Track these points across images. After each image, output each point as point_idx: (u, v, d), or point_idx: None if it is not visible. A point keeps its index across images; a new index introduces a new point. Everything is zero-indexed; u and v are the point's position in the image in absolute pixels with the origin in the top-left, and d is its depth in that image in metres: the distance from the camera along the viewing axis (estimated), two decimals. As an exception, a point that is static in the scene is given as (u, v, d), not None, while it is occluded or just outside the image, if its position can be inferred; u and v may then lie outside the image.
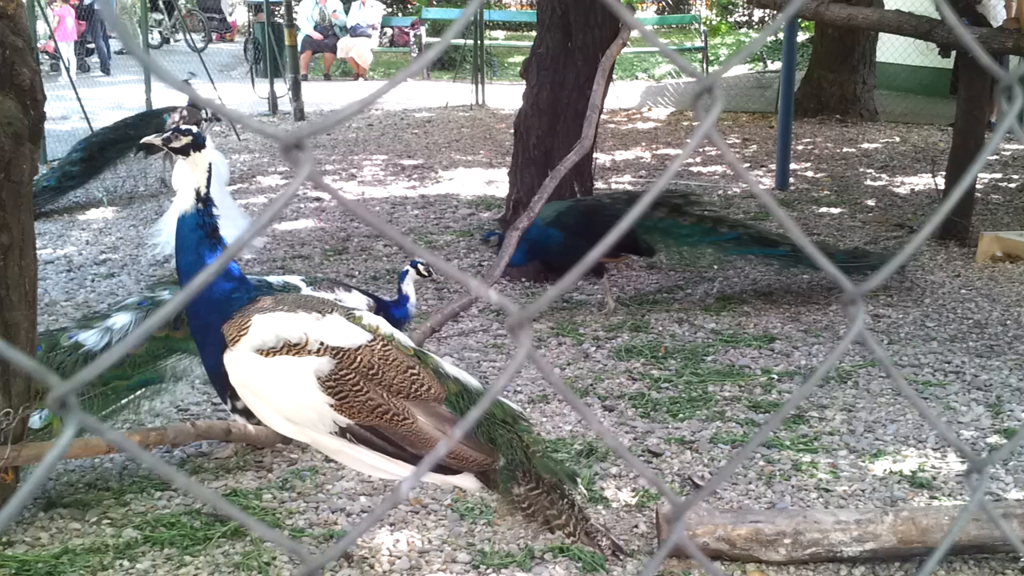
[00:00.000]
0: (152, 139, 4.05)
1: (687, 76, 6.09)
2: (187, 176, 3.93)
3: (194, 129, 3.98)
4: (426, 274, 6.09)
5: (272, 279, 5.71)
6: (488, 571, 4.39)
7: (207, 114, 12.17)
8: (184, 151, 3.89)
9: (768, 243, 7.96)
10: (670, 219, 7.69)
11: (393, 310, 5.91)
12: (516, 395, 6.20)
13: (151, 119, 11.89)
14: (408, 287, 5.97)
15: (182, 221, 3.85)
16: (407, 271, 5.96)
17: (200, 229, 3.78)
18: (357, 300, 5.76)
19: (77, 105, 14.21)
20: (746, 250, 7.97)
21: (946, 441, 5.62)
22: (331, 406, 3.53)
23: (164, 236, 8.81)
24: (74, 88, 14.76)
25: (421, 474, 0.86)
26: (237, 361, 3.58)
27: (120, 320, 5.22)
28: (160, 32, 28.22)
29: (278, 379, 3.55)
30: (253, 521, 0.90)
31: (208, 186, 3.88)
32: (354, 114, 0.92)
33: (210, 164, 3.96)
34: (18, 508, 0.78)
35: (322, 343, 3.57)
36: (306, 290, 5.58)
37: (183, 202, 3.88)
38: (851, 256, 8.15)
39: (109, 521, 4.78)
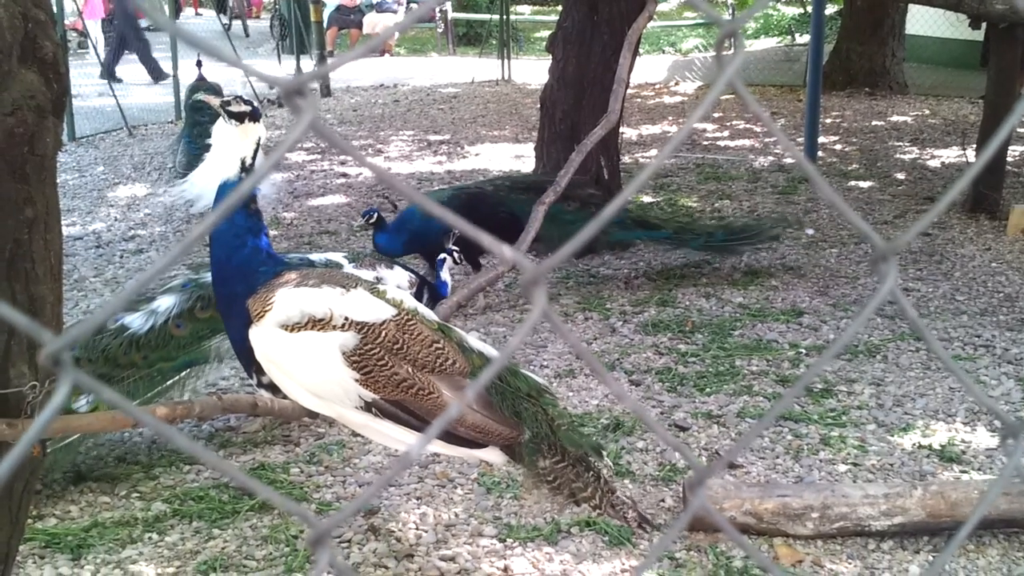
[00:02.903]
0: (210, 99, 4.03)
1: (712, 22, 5.95)
2: (235, 144, 3.92)
3: (254, 102, 3.99)
4: (459, 261, 6.12)
5: (314, 256, 5.71)
6: (514, 545, 4.39)
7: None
8: (240, 117, 3.89)
9: (651, 226, 7.81)
10: (556, 205, 7.39)
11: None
12: (542, 370, 6.19)
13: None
14: (445, 274, 6.00)
15: (224, 188, 3.83)
16: (443, 259, 5.99)
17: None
18: (399, 277, 5.76)
19: (106, 83, 14.29)
20: (631, 234, 7.78)
21: (981, 405, 5.59)
22: (356, 381, 3.53)
23: (191, 187, 8.77)
24: (101, 66, 14.82)
25: (430, 438, 0.85)
26: (262, 337, 3.58)
27: (164, 303, 5.23)
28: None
29: (303, 354, 3.55)
30: (259, 484, 0.89)
31: (254, 158, 3.87)
32: (356, 58, 0.91)
33: (259, 139, 3.94)
34: (11, 468, 0.77)
35: (347, 318, 3.56)
36: (348, 267, 5.58)
37: (226, 169, 3.86)
38: (734, 232, 8.04)
39: (138, 494, 4.82)
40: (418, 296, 5.76)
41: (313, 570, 0.89)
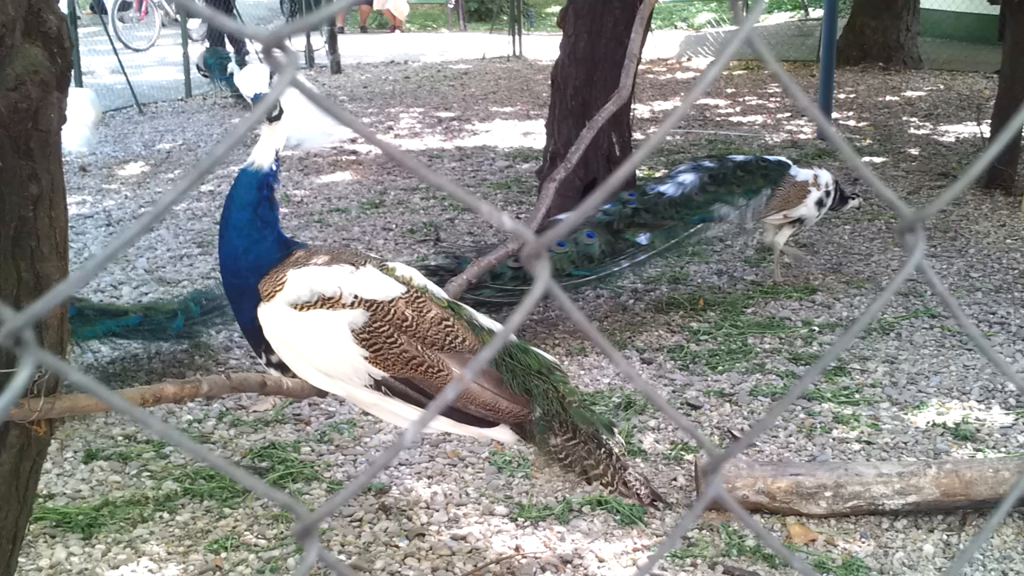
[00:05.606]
0: (263, 120, 3.89)
1: None
2: (270, 139, 3.74)
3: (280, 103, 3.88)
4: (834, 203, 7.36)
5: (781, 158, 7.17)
6: (526, 524, 4.38)
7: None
8: (279, 116, 3.77)
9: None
10: None
11: None
12: (554, 349, 6.16)
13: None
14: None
15: (252, 176, 3.65)
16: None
17: (266, 191, 3.63)
18: (826, 177, 7.25)
19: (116, 61, 14.27)
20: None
21: (1003, 374, 5.55)
22: (365, 359, 3.50)
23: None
24: (112, 43, 14.80)
25: (427, 421, 0.82)
26: (272, 315, 3.55)
27: (688, 179, 6.79)
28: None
29: (313, 333, 3.52)
30: (242, 473, 0.86)
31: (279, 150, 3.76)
32: (339, 10, 0.87)
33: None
34: None
35: (356, 296, 3.53)
36: (793, 168, 7.14)
37: (260, 157, 3.69)
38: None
39: (149, 474, 4.81)
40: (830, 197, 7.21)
41: (301, 565, 0.85)
